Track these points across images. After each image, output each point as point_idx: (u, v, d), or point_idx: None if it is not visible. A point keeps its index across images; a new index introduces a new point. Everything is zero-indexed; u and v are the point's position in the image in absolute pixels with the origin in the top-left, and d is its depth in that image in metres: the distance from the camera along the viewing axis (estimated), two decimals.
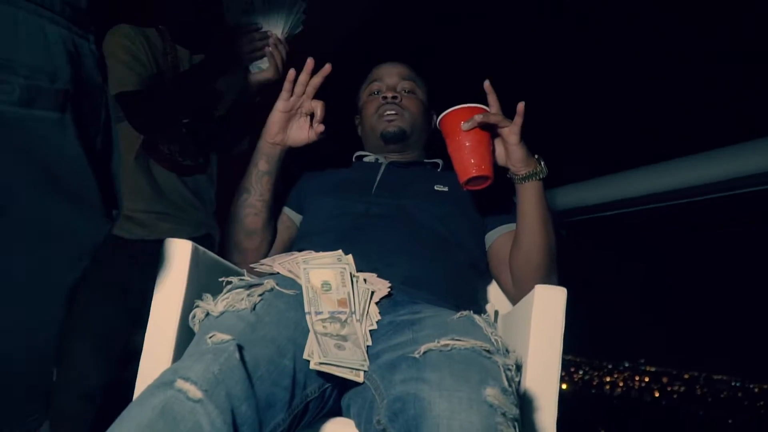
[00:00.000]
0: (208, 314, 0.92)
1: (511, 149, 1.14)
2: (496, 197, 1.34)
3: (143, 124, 1.52)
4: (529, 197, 1.17)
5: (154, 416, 0.69)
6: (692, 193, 1.70)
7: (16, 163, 0.62)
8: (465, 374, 0.79)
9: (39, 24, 0.65)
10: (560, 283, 1.01)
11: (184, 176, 1.67)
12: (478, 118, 1.13)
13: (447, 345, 0.85)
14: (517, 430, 0.76)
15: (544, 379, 0.94)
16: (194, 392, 0.72)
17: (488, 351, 0.86)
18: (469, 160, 1.14)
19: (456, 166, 1.17)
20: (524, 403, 0.94)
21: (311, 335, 0.90)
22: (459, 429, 0.71)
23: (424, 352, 0.85)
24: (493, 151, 1.18)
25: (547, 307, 0.94)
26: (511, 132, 1.13)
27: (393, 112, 1.42)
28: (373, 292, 1.02)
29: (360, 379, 0.87)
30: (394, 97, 1.43)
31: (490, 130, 1.17)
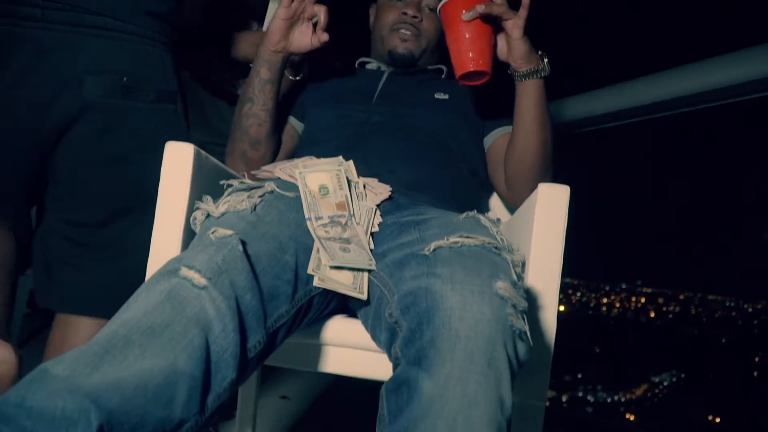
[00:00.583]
0: (208, 215, 0.93)
1: (513, 44, 1.10)
2: (496, 101, 1.33)
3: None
4: (528, 95, 1.15)
5: (161, 299, 0.70)
6: (696, 101, 1.68)
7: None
8: (476, 268, 0.80)
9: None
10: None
11: (233, 105, 1.67)
12: (480, 8, 1.08)
13: (457, 242, 0.86)
14: (526, 321, 0.78)
15: (546, 276, 0.95)
16: (199, 279, 0.73)
17: (497, 248, 0.87)
18: (467, 53, 1.10)
19: (453, 58, 1.13)
20: (527, 301, 0.96)
21: (315, 245, 0.90)
22: (471, 320, 0.72)
23: (434, 249, 0.86)
24: (495, 45, 1.14)
25: (551, 204, 0.94)
26: (515, 25, 1.09)
27: (408, 32, 1.38)
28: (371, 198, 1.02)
29: (363, 296, 0.87)
30: (414, 17, 1.37)
31: (493, 23, 1.12)
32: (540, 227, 0.94)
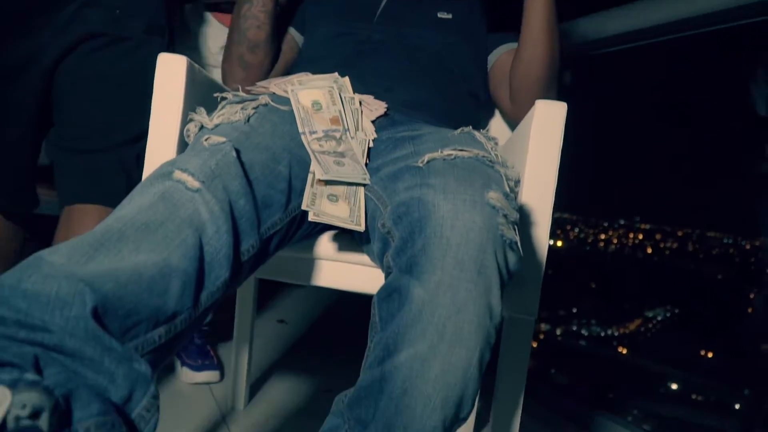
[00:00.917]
0: (202, 127, 0.92)
1: None
2: (500, 19, 1.30)
3: None
4: (535, 4, 1.13)
5: (155, 200, 0.71)
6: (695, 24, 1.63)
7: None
8: (469, 179, 0.80)
9: None
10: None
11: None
12: None
13: (450, 154, 0.86)
14: (517, 233, 0.78)
15: (540, 192, 0.95)
16: (192, 182, 0.73)
17: (490, 161, 0.87)
18: None
19: None
20: (521, 218, 0.96)
21: (309, 178, 0.88)
22: (462, 228, 0.73)
23: (428, 161, 0.85)
24: None
25: (547, 121, 0.93)
26: None
27: None
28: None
29: (361, 227, 0.86)
30: None
31: None
32: (536, 142, 0.93)
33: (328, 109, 0.98)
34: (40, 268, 0.58)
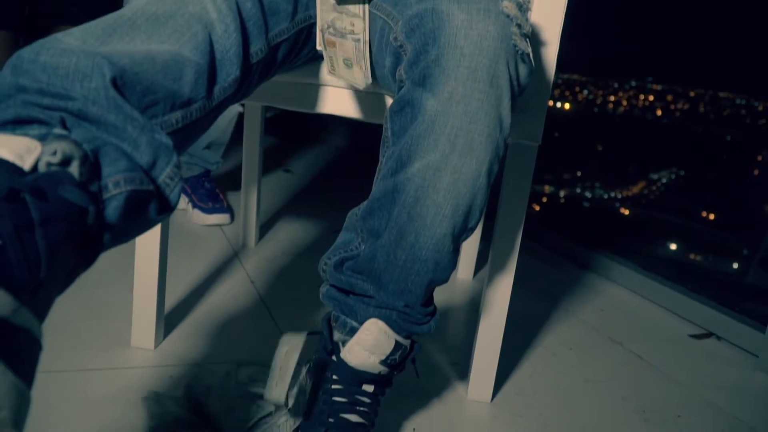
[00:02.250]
0: None
1: None
2: None
3: None
4: None
5: None
6: None
7: None
8: None
9: None
10: None
11: None
12: None
13: None
14: (529, 45, 0.77)
15: (551, 12, 0.93)
16: None
17: None
18: None
19: None
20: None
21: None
22: (476, 37, 0.71)
23: None
24: None
25: None
26: None
27: None
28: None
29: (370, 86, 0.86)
30: None
31: None
32: None
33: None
34: (56, 44, 0.56)
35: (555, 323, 1.43)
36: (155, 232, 1.06)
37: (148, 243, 1.06)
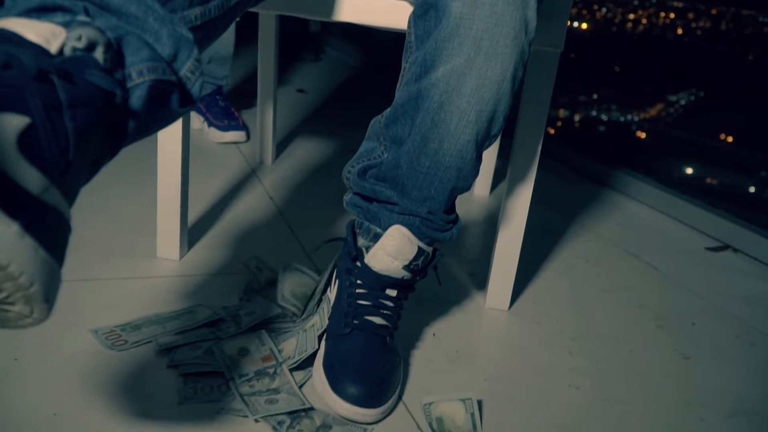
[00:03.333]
0: None
1: None
2: None
3: None
4: None
5: None
6: None
7: None
8: None
9: None
10: None
11: None
12: None
13: None
14: None
15: None
16: None
17: None
18: None
19: None
20: None
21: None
22: None
23: None
24: None
25: None
26: None
27: None
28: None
29: None
30: None
31: None
32: None
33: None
34: None
35: (572, 237, 1.44)
36: (176, 147, 1.06)
37: (169, 158, 1.07)
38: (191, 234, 1.18)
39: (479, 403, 0.81)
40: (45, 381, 0.77)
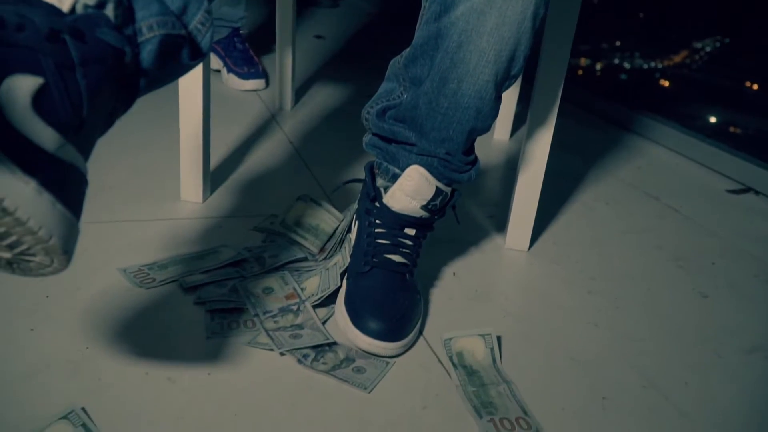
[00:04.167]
0: None
1: None
2: None
3: None
4: None
5: None
6: None
7: None
8: None
9: None
10: None
11: None
12: None
13: None
14: None
15: None
16: None
17: None
18: None
19: None
20: None
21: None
22: None
23: None
24: None
25: None
26: None
27: None
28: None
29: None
30: None
31: None
32: None
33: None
34: None
35: (592, 180, 1.43)
36: (197, 92, 1.07)
37: (190, 102, 1.08)
38: (213, 177, 1.19)
39: (498, 338, 0.83)
40: (76, 317, 0.80)
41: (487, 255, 1.08)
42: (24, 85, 0.43)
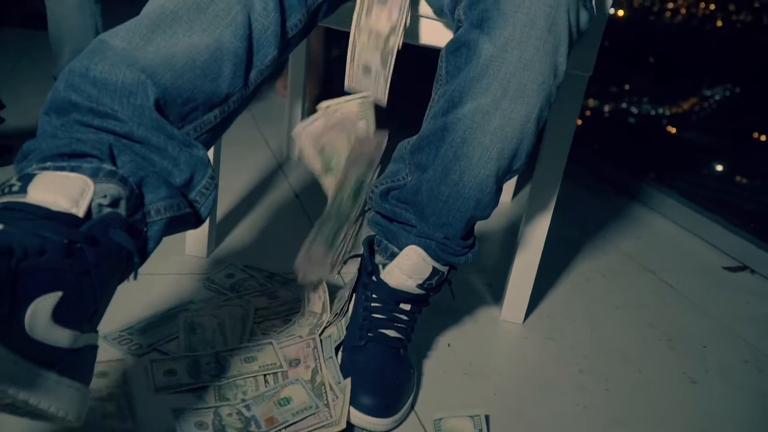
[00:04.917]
0: None
1: None
2: None
3: None
4: None
5: None
6: None
7: None
8: None
9: None
10: None
11: None
12: None
13: None
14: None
15: None
16: None
17: None
18: None
19: None
20: None
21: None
22: None
23: None
24: None
25: None
26: None
27: None
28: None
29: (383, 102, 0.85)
30: None
31: None
32: None
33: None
34: (105, 54, 0.61)
35: (591, 249, 1.46)
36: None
37: None
38: (219, 229, 1.22)
39: (487, 418, 0.84)
40: None
41: (482, 327, 1.10)
42: (46, 304, 0.48)
